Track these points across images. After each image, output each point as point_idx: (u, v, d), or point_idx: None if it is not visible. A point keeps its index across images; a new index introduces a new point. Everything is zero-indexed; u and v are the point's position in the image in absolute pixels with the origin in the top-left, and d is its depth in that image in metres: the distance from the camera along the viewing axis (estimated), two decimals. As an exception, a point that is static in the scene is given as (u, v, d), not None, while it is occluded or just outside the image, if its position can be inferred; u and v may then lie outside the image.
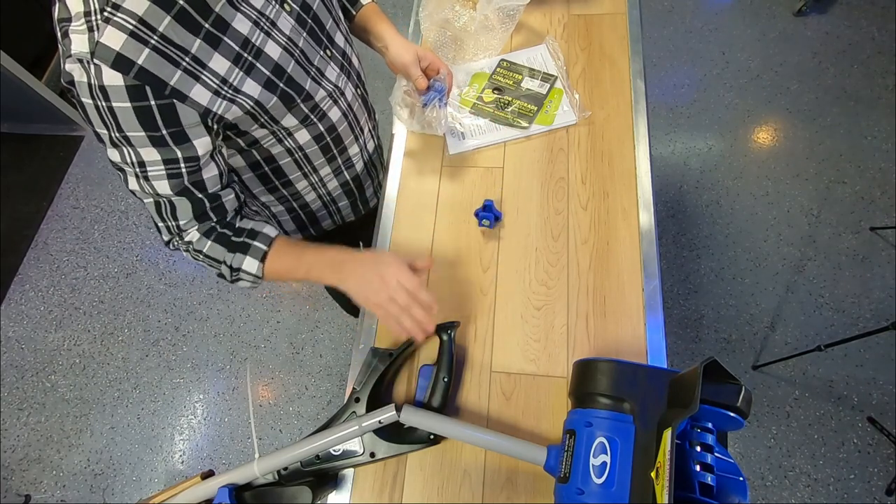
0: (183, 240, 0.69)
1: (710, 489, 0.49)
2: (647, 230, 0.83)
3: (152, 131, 0.56)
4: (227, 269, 0.70)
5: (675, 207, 1.90)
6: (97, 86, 0.52)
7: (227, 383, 1.81)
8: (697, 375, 0.49)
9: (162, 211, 0.65)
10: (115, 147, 0.58)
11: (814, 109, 2.00)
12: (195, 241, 0.68)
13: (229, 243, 0.69)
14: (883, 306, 1.65)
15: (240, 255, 0.69)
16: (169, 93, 0.54)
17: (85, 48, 0.50)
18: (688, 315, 1.73)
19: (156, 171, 0.60)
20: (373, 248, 0.89)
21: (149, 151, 0.58)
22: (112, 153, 0.60)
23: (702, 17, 2.27)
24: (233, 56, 0.60)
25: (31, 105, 2.22)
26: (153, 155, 0.58)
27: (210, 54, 0.57)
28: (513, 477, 0.69)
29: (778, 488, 1.47)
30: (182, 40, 0.54)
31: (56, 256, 2.11)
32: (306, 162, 0.81)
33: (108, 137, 0.57)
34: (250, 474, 0.65)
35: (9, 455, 1.76)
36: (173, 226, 0.67)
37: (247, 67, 0.62)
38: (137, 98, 0.53)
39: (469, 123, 0.97)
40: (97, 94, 0.52)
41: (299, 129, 0.74)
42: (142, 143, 0.57)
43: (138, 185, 0.62)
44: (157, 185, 0.62)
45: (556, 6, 1.06)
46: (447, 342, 0.73)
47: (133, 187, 0.63)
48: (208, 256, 0.69)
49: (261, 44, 0.63)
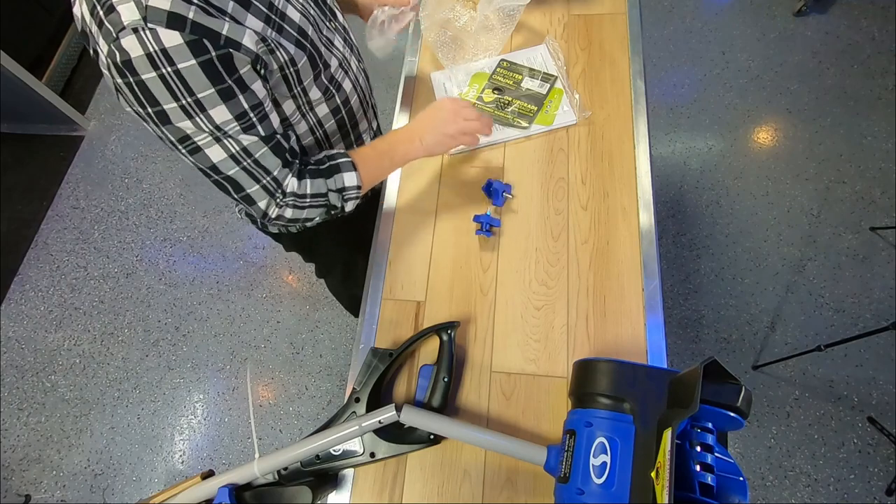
0: (285, 193, 0.70)
1: (710, 489, 0.49)
2: (647, 230, 0.83)
3: (220, 84, 0.57)
4: (334, 196, 0.74)
5: (675, 207, 1.90)
6: (158, 51, 0.53)
7: (227, 383, 1.81)
8: (697, 375, 0.49)
9: (253, 172, 0.67)
10: (188, 118, 0.59)
11: (814, 109, 2.00)
12: (297, 188, 0.71)
13: (322, 173, 0.73)
14: (883, 306, 1.65)
15: (338, 176, 0.73)
16: (224, 43, 0.56)
17: (136, 15, 0.51)
18: (688, 315, 1.73)
19: (233, 128, 0.62)
20: (374, 250, 0.89)
21: (220, 111, 0.59)
22: (185, 126, 0.60)
23: (702, 17, 2.27)
24: (263, 17, 0.63)
25: (31, 105, 2.22)
26: (225, 114, 0.60)
27: (244, 15, 0.60)
28: (513, 477, 0.69)
29: (778, 488, 1.47)
30: (218, 1, 0.57)
31: (56, 256, 2.11)
32: (325, 139, 0.84)
33: (181, 108, 0.57)
34: (250, 474, 0.65)
35: (9, 455, 1.76)
36: (270, 182, 0.68)
37: (277, 28, 0.65)
38: (198, 52, 0.54)
39: None
40: (160, 60, 0.53)
41: (321, 102, 0.78)
42: (213, 103, 0.58)
43: (222, 149, 0.63)
44: (241, 139, 0.63)
45: (556, 6, 1.06)
46: (447, 342, 0.73)
47: (216, 159, 0.64)
48: (314, 195, 0.72)
49: (282, 7, 0.66)
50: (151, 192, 2.21)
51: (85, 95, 2.50)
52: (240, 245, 2.05)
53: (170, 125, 0.59)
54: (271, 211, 0.71)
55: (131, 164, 2.29)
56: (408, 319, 0.82)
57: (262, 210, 0.71)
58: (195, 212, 2.14)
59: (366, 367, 0.72)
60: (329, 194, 0.73)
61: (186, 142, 0.62)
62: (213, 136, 0.61)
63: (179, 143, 0.62)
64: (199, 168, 0.66)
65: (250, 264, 2.01)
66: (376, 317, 0.82)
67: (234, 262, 2.02)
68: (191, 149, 0.63)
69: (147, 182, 2.24)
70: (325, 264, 1.29)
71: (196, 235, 2.09)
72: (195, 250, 2.07)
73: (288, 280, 1.97)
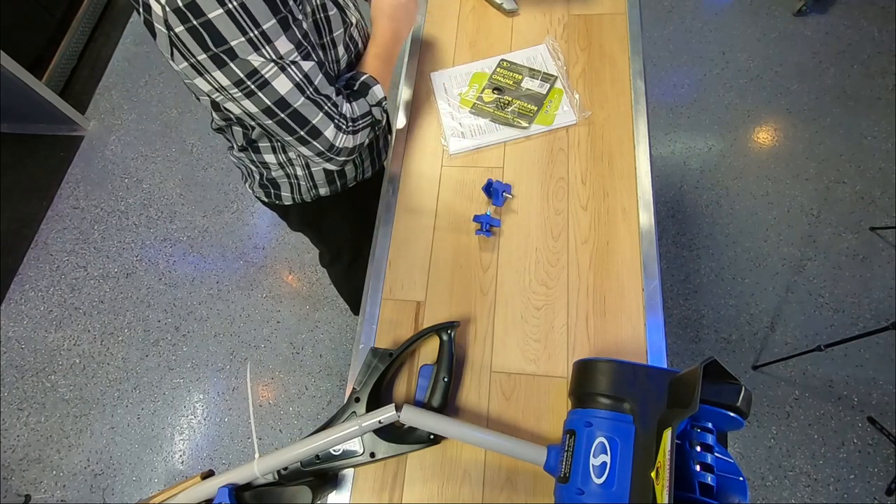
0: (346, 116, 0.74)
1: (710, 489, 0.49)
2: (647, 230, 0.83)
3: (278, 14, 0.60)
4: (377, 110, 0.81)
5: (675, 207, 1.90)
6: None
7: (227, 383, 1.81)
8: (697, 375, 0.49)
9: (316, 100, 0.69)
10: (255, 50, 0.60)
11: (814, 109, 2.00)
12: (351, 112, 0.76)
13: (358, 93, 0.79)
14: (883, 306, 1.65)
15: (370, 92, 0.80)
16: None
17: None
18: (688, 315, 1.73)
19: (295, 56, 0.64)
20: (374, 250, 0.89)
21: (283, 41, 0.62)
22: (253, 59, 0.61)
23: (702, 17, 2.27)
24: None
25: (31, 105, 2.22)
26: (286, 43, 0.63)
27: None
28: (513, 477, 0.69)
29: (778, 488, 1.47)
30: None
31: (56, 256, 2.11)
32: None
33: (248, 41, 0.59)
34: (250, 474, 0.65)
35: (9, 455, 1.76)
36: (331, 108, 0.72)
37: None
38: None
39: (469, 123, 0.97)
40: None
41: (345, 59, 0.81)
42: (276, 34, 0.61)
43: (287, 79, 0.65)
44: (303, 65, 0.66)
45: (556, 6, 1.06)
46: (447, 342, 0.73)
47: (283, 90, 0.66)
48: (363, 115, 0.78)
49: None
50: (151, 192, 2.21)
51: (85, 95, 2.50)
52: (240, 245, 2.05)
53: (237, 60, 0.61)
54: (338, 140, 0.74)
55: (131, 164, 2.29)
56: (408, 319, 0.82)
57: (330, 141, 0.73)
58: (195, 212, 2.14)
59: (366, 367, 0.72)
60: (372, 110, 0.80)
61: (254, 76, 0.63)
62: (278, 65, 0.63)
63: (248, 78, 0.63)
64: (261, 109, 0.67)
65: (250, 264, 2.01)
66: (376, 317, 0.82)
67: (234, 262, 2.02)
68: (259, 83, 0.64)
69: (147, 182, 2.24)
70: (333, 245, 1.28)
71: (196, 235, 2.09)
72: (195, 250, 2.07)
73: (288, 280, 1.97)
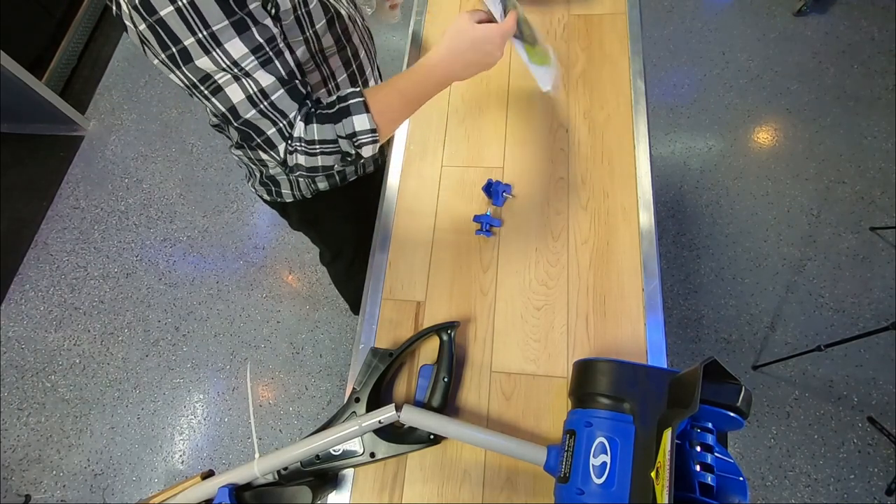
0: (293, 137, 0.68)
1: (710, 489, 0.49)
2: (647, 230, 0.83)
3: (231, 16, 0.59)
4: (345, 143, 0.68)
5: (675, 207, 1.90)
6: None
7: (227, 383, 1.81)
8: (697, 375, 0.49)
9: (269, 114, 0.66)
10: (206, 53, 0.60)
11: (814, 109, 2.00)
12: (304, 133, 0.67)
13: (331, 117, 0.68)
14: (883, 306, 1.65)
15: (347, 121, 0.67)
16: None
17: None
18: (688, 315, 1.73)
19: (250, 64, 0.62)
20: (374, 250, 0.89)
21: (235, 45, 0.60)
22: (203, 63, 0.60)
23: (702, 17, 2.27)
24: None
25: (31, 105, 2.22)
26: (240, 48, 0.61)
27: None
28: (513, 477, 0.69)
29: (778, 488, 1.47)
30: None
31: (56, 256, 2.11)
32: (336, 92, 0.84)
33: (198, 43, 0.59)
34: (250, 474, 0.65)
35: (9, 455, 1.76)
36: (285, 126, 0.67)
37: None
38: None
39: None
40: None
41: (333, 52, 0.79)
42: (228, 36, 0.59)
43: (240, 89, 0.63)
44: (258, 77, 0.63)
45: (556, 6, 1.06)
46: (447, 342, 0.73)
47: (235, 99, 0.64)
48: (322, 142, 0.68)
49: None
50: (151, 192, 2.21)
51: (85, 95, 2.50)
52: (240, 245, 2.05)
53: (191, 64, 0.60)
54: (290, 159, 0.69)
55: (131, 164, 2.29)
56: (408, 319, 0.82)
57: (282, 157, 0.69)
58: (195, 212, 2.14)
59: (366, 367, 0.72)
60: (339, 140, 0.68)
61: (207, 81, 0.62)
62: (231, 73, 0.62)
63: (201, 83, 0.62)
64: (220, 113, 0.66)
65: (250, 264, 2.01)
66: (376, 317, 0.82)
67: (234, 262, 2.02)
68: (212, 89, 0.63)
69: (147, 182, 2.24)
70: (333, 244, 1.28)
71: (196, 235, 2.09)
72: (195, 250, 2.07)
73: (288, 280, 1.97)
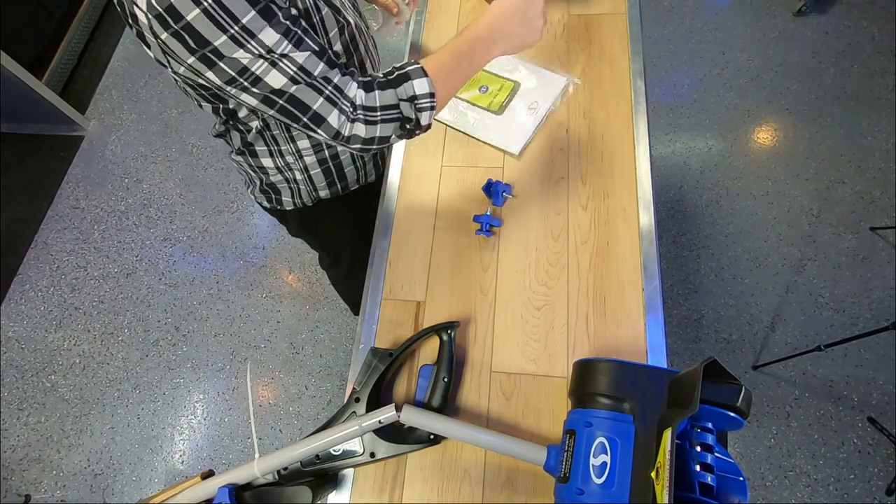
0: (354, 105, 0.67)
1: (710, 489, 0.49)
2: (647, 230, 0.83)
3: (257, 4, 0.59)
4: (406, 105, 0.69)
5: (675, 207, 1.90)
6: None
7: (227, 383, 1.81)
8: (697, 375, 0.49)
9: (314, 84, 0.65)
10: (240, 47, 0.60)
11: (814, 109, 2.00)
12: (365, 100, 0.68)
13: (390, 83, 0.68)
14: (883, 306, 1.65)
15: (407, 84, 0.68)
16: None
17: None
18: (688, 315, 1.73)
19: (286, 47, 0.62)
20: (373, 250, 0.89)
21: (268, 33, 0.60)
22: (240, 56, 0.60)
23: (702, 17, 2.27)
24: None
25: (31, 105, 2.22)
26: (273, 34, 0.61)
27: None
28: (513, 477, 0.69)
29: (778, 488, 1.47)
30: None
31: (56, 256, 2.11)
32: None
33: (231, 39, 0.59)
34: (250, 474, 0.65)
35: (9, 455, 1.76)
36: (333, 91, 0.66)
37: None
38: None
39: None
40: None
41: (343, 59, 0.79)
42: (258, 26, 0.59)
43: (279, 74, 0.63)
44: (296, 57, 0.63)
45: (556, 6, 1.06)
46: (447, 342, 0.73)
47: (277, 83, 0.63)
48: (384, 107, 0.68)
49: None
50: (151, 192, 2.21)
51: (85, 95, 2.50)
52: (240, 245, 2.05)
53: (225, 59, 0.60)
54: (344, 128, 0.68)
55: (131, 164, 2.29)
56: (408, 319, 0.82)
57: (335, 128, 0.68)
58: (195, 212, 2.14)
59: (366, 367, 0.72)
60: (400, 104, 0.69)
61: (245, 74, 0.62)
62: (268, 61, 0.62)
63: (239, 75, 0.62)
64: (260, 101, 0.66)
65: (250, 264, 2.01)
66: (376, 317, 0.82)
67: (234, 262, 2.02)
68: (251, 80, 0.63)
69: (147, 182, 2.24)
70: (332, 249, 1.28)
71: (196, 235, 2.09)
72: (195, 250, 2.07)
73: (288, 280, 1.97)
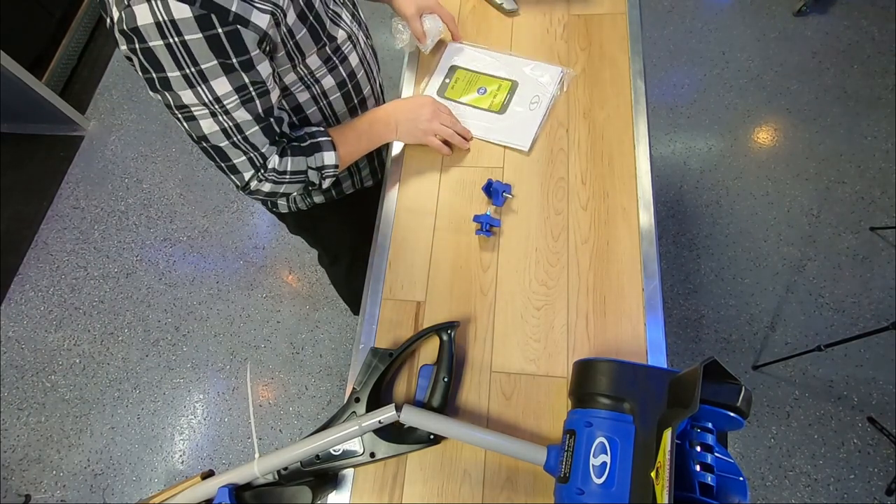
0: (267, 168, 0.73)
1: (710, 489, 0.49)
2: (647, 230, 0.83)
3: (223, 58, 0.59)
4: (314, 173, 0.79)
5: (675, 207, 1.90)
6: (167, 21, 0.54)
7: (227, 383, 1.81)
8: (697, 375, 0.49)
9: (240, 145, 0.69)
10: (189, 87, 0.60)
11: (814, 109, 2.00)
12: (278, 165, 0.74)
13: (303, 151, 0.77)
14: (883, 306, 1.65)
15: (318, 155, 0.78)
16: (233, 19, 0.58)
17: None
18: (688, 315, 1.73)
19: (232, 102, 0.64)
20: (374, 250, 0.89)
21: (221, 83, 0.61)
22: (185, 95, 0.61)
23: (702, 17, 2.27)
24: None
25: (31, 105, 2.22)
26: (225, 86, 0.62)
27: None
28: (513, 477, 0.69)
29: (778, 488, 1.47)
30: None
31: (56, 256, 2.11)
32: (331, 112, 0.86)
33: (183, 77, 0.59)
34: (250, 474, 0.65)
35: (9, 455, 1.76)
36: (257, 156, 0.71)
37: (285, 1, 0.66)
38: (206, 27, 0.56)
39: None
40: (168, 30, 0.55)
41: (324, 72, 0.79)
42: (215, 74, 0.60)
43: (215, 123, 0.65)
44: (236, 116, 0.65)
45: (556, 6, 1.06)
46: (447, 342, 0.73)
47: (207, 130, 0.66)
48: (294, 172, 0.76)
49: None
50: (151, 192, 2.21)
51: (85, 95, 2.50)
52: (240, 245, 2.05)
53: (171, 91, 0.61)
54: (252, 184, 0.74)
55: (131, 164, 2.29)
56: (408, 319, 0.82)
57: (245, 181, 0.74)
58: (195, 212, 2.14)
59: (366, 367, 0.72)
60: (308, 172, 0.78)
61: (183, 109, 0.64)
62: (209, 109, 0.63)
63: (177, 109, 0.64)
64: (189, 134, 0.69)
65: (250, 264, 2.01)
66: (376, 317, 0.82)
67: (234, 262, 2.02)
68: (186, 116, 0.65)
69: (147, 182, 2.24)
70: (331, 249, 1.28)
71: (196, 235, 2.09)
72: (195, 250, 2.07)
73: (288, 280, 1.97)
